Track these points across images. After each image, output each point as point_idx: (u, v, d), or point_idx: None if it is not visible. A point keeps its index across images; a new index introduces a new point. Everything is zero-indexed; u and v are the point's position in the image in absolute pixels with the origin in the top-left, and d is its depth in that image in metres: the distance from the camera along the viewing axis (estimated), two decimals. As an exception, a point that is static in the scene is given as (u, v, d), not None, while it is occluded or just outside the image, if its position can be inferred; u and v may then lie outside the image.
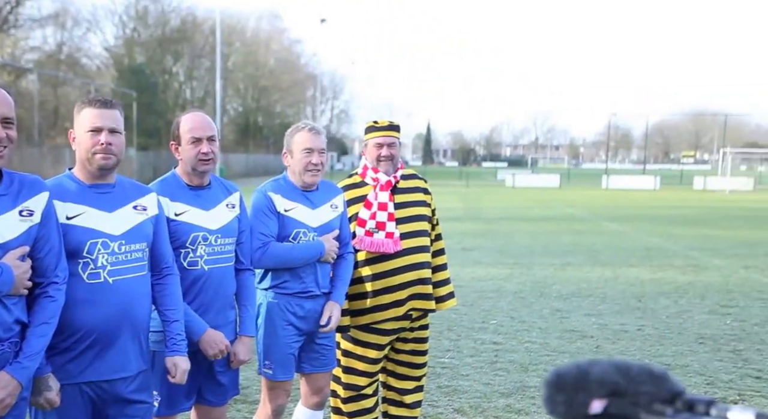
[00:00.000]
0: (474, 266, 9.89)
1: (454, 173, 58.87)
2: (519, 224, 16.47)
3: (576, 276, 9.15)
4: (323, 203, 3.13)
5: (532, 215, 19.32)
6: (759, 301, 7.61)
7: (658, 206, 24.18)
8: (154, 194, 2.52)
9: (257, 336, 3.07)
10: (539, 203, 25.19)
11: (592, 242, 12.97)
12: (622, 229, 15.76)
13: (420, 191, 3.44)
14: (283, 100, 60.08)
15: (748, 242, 13.24)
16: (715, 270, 9.78)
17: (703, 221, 17.98)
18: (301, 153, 3.02)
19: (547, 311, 7.03)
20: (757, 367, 5.19)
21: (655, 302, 7.53)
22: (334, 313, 3.09)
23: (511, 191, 34.10)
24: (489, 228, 15.42)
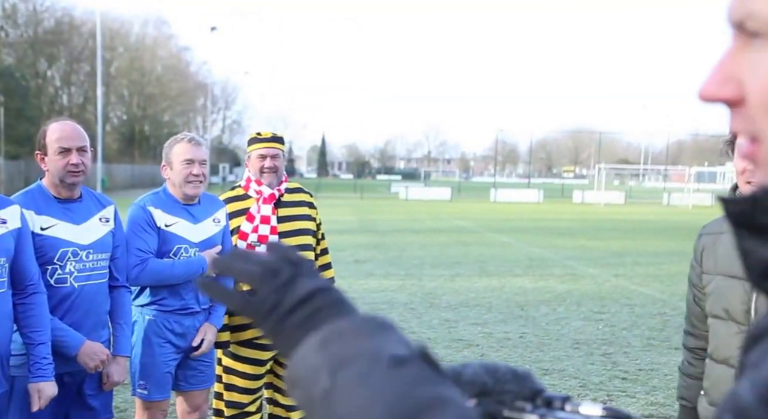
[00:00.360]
0: (366, 278, 10.01)
1: (348, 185, 59.20)
2: (411, 236, 16.83)
3: (464, 287, 9.48)
4: (205, 218, 3.08)
5: (424, 227, 19.80)
6: (627, 307, 8.21)
7: (541, 219, 25.49)
8: (17, 207, 2.40)
9: (132, 355, 2.97)
10: (431, 215, 25.85)
11: (480, 253, 13.48)
12: (508, 240, 16.49)
13: (305, 204, 3.44)
14: (171, 109, 58.20)
15: (619, 252, 14.25)
16: (590, 279, 10.45)
17: (581, 233, 19.15)
18: (180, 164, 2.97)
19: (436, 322, 7.24)
20: (624, 369, 5.60)
21: (537, 310, 7.94)
22: (207, 336, 3.04)
23: (404, 204, 34.76)
24: (382, 240, 15.65)
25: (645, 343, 6.46)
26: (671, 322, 7.38)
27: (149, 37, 56.65)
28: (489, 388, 0.82)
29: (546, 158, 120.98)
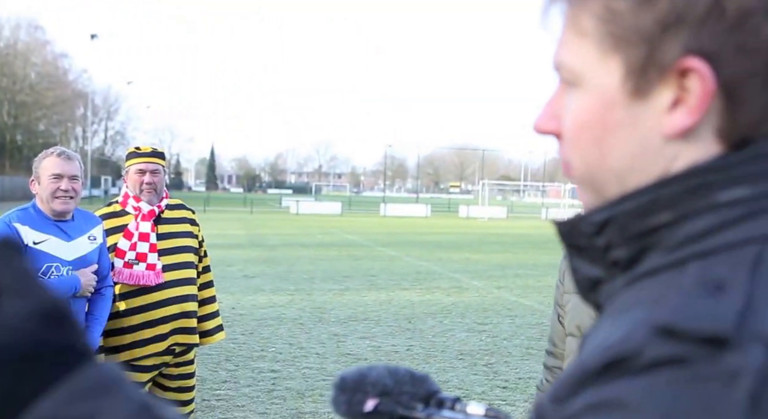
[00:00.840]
0: (255, 293, 9.84)
1: (238, 199, 57.99)
2: (301, 251, 16.73)
3: (354, 301, 9.53)
4: (80, 235, 2.96)
5: (314, 242, 19.75)
6: (508, 318, 8.59)
7: (429, 233, 26.15)
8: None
9: None
10: (322, 229, 25.82)
11: (370, 267, 13.62)
12: (397, 254, 16.78)
13: (186, 221, 3.37)
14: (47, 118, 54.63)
15: (501, 265, 14.89)
16: (475, 291, 10.84)
17: (466, 246, 19.83)
18: (48, 179, 2.87)
19: (325, 337, 7.23)
20: (504, 378, 5.85)
21: (423, 322, 8.13)
22: None
23: (294, 218, 34.50)
24: (272, 255, 15.45)
25: (524, 352, 6.78)
26: (548, 332, 7.79)
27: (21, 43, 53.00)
28: (389, 389, 0.89)
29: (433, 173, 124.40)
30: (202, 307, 3.41)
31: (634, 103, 0.58)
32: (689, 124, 0.56)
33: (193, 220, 3.44)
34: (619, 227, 0.60)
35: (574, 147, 0.63)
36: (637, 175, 0.60)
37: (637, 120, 0.58)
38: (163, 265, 3.19)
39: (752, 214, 0.55)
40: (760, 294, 0.50)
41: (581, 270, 0.66)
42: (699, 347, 0.48)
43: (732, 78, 0.55)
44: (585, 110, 0.61)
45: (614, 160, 0.60)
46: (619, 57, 0.58)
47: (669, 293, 0.54)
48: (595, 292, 0.65)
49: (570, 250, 0.67)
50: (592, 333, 0.62)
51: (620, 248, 0.60)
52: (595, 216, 0.61)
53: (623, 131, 0.59)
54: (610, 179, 0.61)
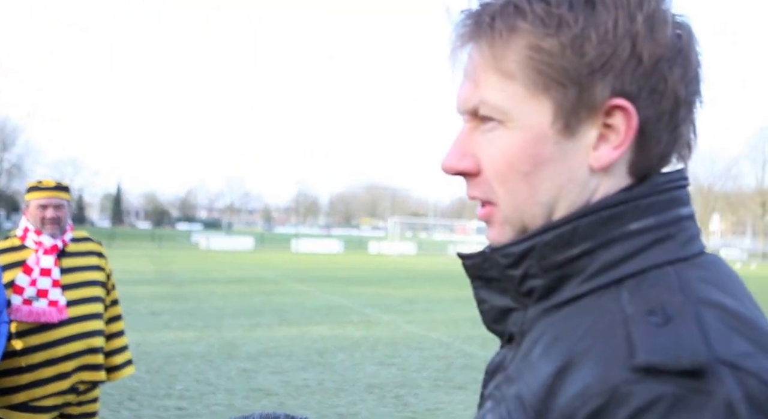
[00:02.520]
0: (162, 330, 9.56)
1: (146, 235, 55.90)
2: (211, 287, 16.37)
3: (265, 336, 9.44)
4: None
5: (225, 278, 19.37)
6: (417, 351, 8.76)
7: (341, 268, 26.20)
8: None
9: None
10: (233, 265, 25.34)
11: (281, 302, 13.52)
12: (309, 289, 16.72)
13: (93, 254, 3.28)
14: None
15: (410, 299, 15.15)
16: (385, 325, 10.98)
17: (377, 282, 20.02)
18: None
19: (234, 372, 7.13)
20: (413, 409, 5.97)
21: (334, 356, 8.17)
22: None
23: (205, 254, 33.65)
24: (180, 291, 15.03)
25: (432, 384, 6.95)
26: (455, 363, 8.02)
27: None
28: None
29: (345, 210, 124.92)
30: (111, 341, 3.33)
31: (563, 139, 0.62)
32: (615, 158, 0.62)
33: (100, 253, 3.35)
34: (538, 257, 0.63)
35: (501, 183, 0.65)
36: (562, 206, 0.63)
37: (566, 155, 0.62)
38: (68, 300, 3.08)
39: (658, 240, 0.61)
40: (705, 317, 0.54)
41: (489, 301, 0.68)
42: (682, 380, 0.50)
43: (646, 117, 0.61)
44: (514, 147, 0.63)
45: (542, 193, 0.63)
46: (550, 97, 0.61)
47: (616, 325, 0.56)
48: (503, 322, 0.68)
49: (477, 282, 0.69)
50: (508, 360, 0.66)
51: (537, 279, 0.63)
52: (513, 248, 0.64)
53: (553, 166, 0.62)
54: (537, 213, 0.64)
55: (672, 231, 0.62)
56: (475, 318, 12.27)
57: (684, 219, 0.63)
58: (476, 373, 7.49)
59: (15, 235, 3.16)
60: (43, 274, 3.07)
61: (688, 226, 0.63)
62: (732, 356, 0.51)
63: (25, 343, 3.00)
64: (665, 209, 0.62)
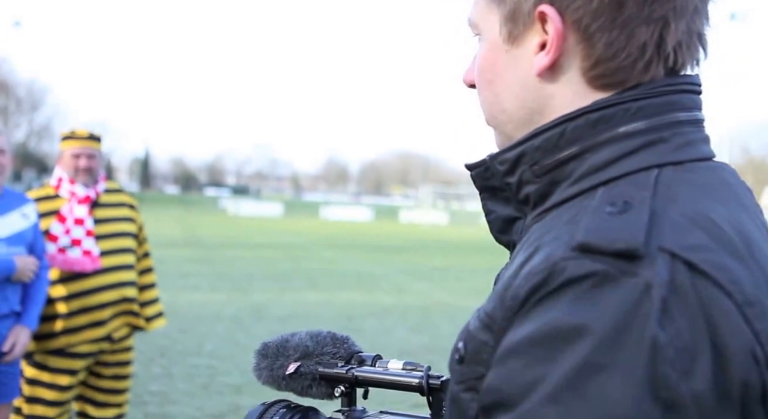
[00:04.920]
0: (192, 292, 9.58)
1: (174, 200, 56.66)
2: (240, 251, 16.44)
3: (294, 300, 9.40)
4: (10, 210, 2.82)
5: (254, 243, 19.45)
6: (449, 319, 8.63)
7: (371, 236, 26.16)
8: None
9: None
10: (261, 231, 25.48)
11: (310, 268, 13.50)
12: (338, 256, 16.70)
13: (125, 206, 3.29)
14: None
15: (442, 268, 15.02)
16: (416, 293, 10.88)
17: (408, 250, 19.92)
18: None
19: (264, 334, 7.08)
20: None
21: (364, 322, 8.08)
22: (20, 338, 2.79)
23: (233, 219, 33.93)
24: (209, 255, 15.12)
25: (464, 351, 6.82)
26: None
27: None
28: (310, 351, 0.93)
29: (375, 178, 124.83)
30: (142, 293, 3.32)
31: (511, 48, 0.67)
32: (546, 63, 0.64)
33: (132, 205, 3.35)
34: (530, 162, 0.65)
35: (479, 92, 0.72)
36: (524, 114, 0.67)
37: (516, 63, 0.67)
38: (101, 250, 3.08)
39: (648, 143, 0.62)
40: (661, 211, 0.57)
41: (495, 211, 0.72)
42: (614, 261, 0.53)
43: (578, 19, 0.62)
44: (482, 58, 0.70)
45: (504, 100, 0.69)
46: (497, 9, 0.68)
47: (580, 215, 0.59)
48: (508, 232, 0.72)
49: (484, 193, 0.72)
50: (505, 268, 0.67)
51: (531, 185, 0.66)
52: (506, 154, 0.67)
53: (507, 74, 0.68)
54: (505, 121, 0.69)
55: (665, 135, 0.63)
56: (506, 287, 12.09)
57: (682, 124, 0.64)
58: (509, 342, 7.33)
59: (49, 184, 3.18)
60: (77, 223, 3.08)
61: (686, 131, 0.64)
62: (678, 246, 0.54)
63: (60, 291, 3.04)
64: (659, 112, 0.63)
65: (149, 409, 4.48)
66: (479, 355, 0.60)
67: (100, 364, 3.16)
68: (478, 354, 0.60)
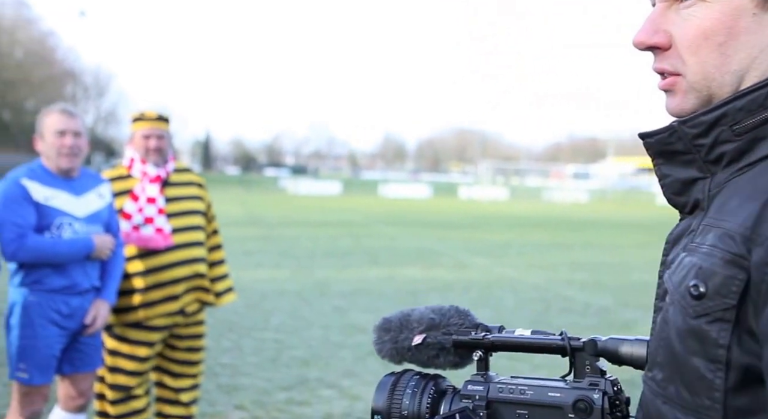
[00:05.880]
0: (256, 268, 9.78)
1: (235, 180, 57.88)
2: (301, 229, 16.67)
3: (355, 276, 9.48)
4: (87, 191, 2.93)
5: (314, 221, 19.69)
6: (512, 293, 8.54)
7: (430, 213, 26.10)
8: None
9: (9, 337, 2.83)
10: (321, 209, 25.76)
11: (371, 245, 13.57)
12: (398, 233, 16.72)
13: (194, 185, 3.36)
14: (34, 96, 53.94)
15: (504, 244, 14.84)
16: (477, 268, 10.79)
17: (468, 226, 19.78)
18: (53, 136, 2.85)
19: (328, 309, 7.17)
20: (511, 349, 5.80)
21: (426, 297, 8.08)
22: (101, 312, 2.92)
23: (292, 198, 34.43)
24: (271, 233, 15.39)
25: (530, 326, 6.69)
26: (553, 306, 7.75)
27: (6, 20, 52.10)
28: (436, 323, 0.96)
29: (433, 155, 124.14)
30: (213, 269, 3.39)
31: (761, 12, 0.69)
32: None
33: (200, 183, 3.43)
34: (731, 122, 0.70)
35: (692, 54, 0.73)
36: (752, 76, 0.71)
37: (761, 27, 0.70)
38: (173, 228, 3.17)
39: None
40: None
41: (672, 175, 0.76)
42: None
43: None
44: (712, 20, 0.71)
45: (735, 63, 0.71)
46: None
47: None
48: (686, 193, 0.76)
49: (659, 159, 0.77)
50: (720, 215, 0.70)
51: (729, 144, 0.71)
52: (704, 117, 0.71)
53: (747, 37, 0.70)
54: (726, 81, 0.72)
55: None
56: (574, 262, 11.88)
57: None
58: (576, 317, 7.20)
59: (122, 165, 3.27)
60: (149, 202, 3.16)
61: None
62: None
63: (136, 267, 3.14)
64: None
65: (221, 380, 4.61)
66: (727, 288, 0.65)
67: (175, 337, 3.26)
68: (724, 287, 0.65)
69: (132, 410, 3.18)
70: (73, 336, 2.90)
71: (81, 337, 2.92)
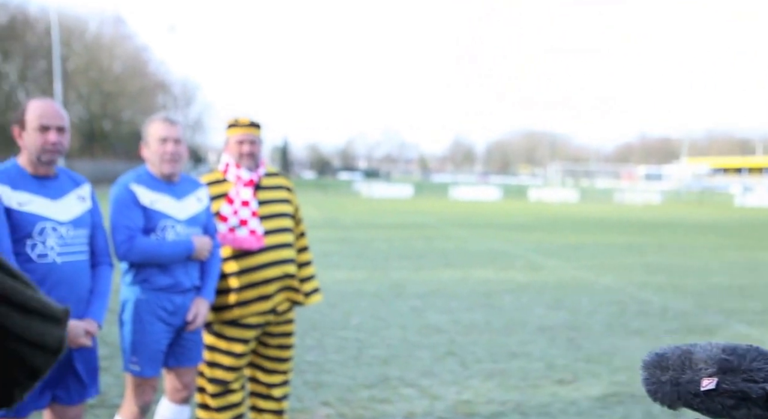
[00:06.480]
0: (334, 270, 10.08)
1: (311, 184, 59.02)
2: (375, 232, 16.94)
3: (430, 278, 9.64)
4: (187, 195, 3.10)
5: (387, 223, 19.94)
6: (587, 295, 8.49)
7: (500, 215, 25.91)
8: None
9: (122, 332, 3.02)
10: (394, 212, 26.01)
11: (443, 247, 13.68)
12: (469, 235, 16.75)
13: (283, 189, 3.50)
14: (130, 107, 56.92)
15: (576, 245, 14.65)
16: (550, 270, 10.74)
17: (539, 228, 19.57)
18: (156, 143, 3.00)
19: (405, 310, 7.37)
20: (587, 352, 5.82)
21: (501, 298, 8.15)
22: (201, 310, 3.07)
23: (366, 201, 34.85)
24: (347, 235, 15.72)
25: (606, 328, 6.71)
26: (629, 309, 7.68)
27: (106, 36, 55.23)
28: (733, 366, 0.80)
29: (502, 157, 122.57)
30: (301, 270, 3.55)
31: None
32: None
33: (289, 187, 3.56)
34: None
35: None
36: None
37: None
38: (264, 230, 3.32)
39: None
40: None
41: None
42: None
43: None
44: None
45: None
46: None
47: None
48: None
49: None
50: None
51: None
52: None
53: None
54: None
55: None
56: (649, 264, 11.64)
57: None
58: (653, 319, 7.12)
59: (218, 169, 3.44)
60: (244, 205, 3.32)
61: None
62: None
63: (231, 267, 3.30)
64: None
65: (307, 377, 4.86)
66: None
67: (267, 335, 3.42)
68: None
69: (229, 403, 3.37)
70: (177, 332, 3.07)
71: (184, 333, 3.08)
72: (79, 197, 2.72)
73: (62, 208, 2.61)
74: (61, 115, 2.62)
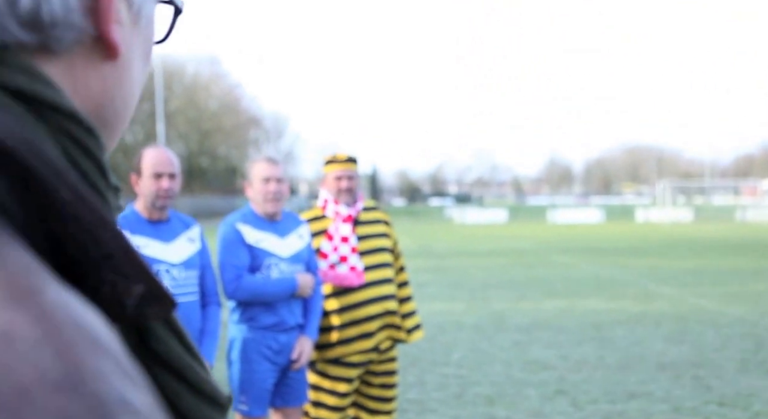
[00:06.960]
0: (430, 301, 9.80)
1: (402, 211, 59.28)
2: (471, 260, 16.55)
3: (532, 308, 9.15)
4: (290, 233, 3.12)
5: (483, 251, 19.48)
6: (712, 328, 7.74)
7: (605, 239, 24.76)
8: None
9: (230, 371, 3.07)
10: (489, 238, 25.48)
11: (545, 275, 13.10)
12: (572, 261, 16.01)
13: (381, 223, 3.44)
14: (225, 142, 59.73)
15: (695, 271, 13.61)
16: (667, 299, 9.96)
17: (650, 252, 18.46)
18: (259, 183, 3.07)
19: (507, 344, 6.96)
20: (720, 393, 5.21)
21: (612, 331, 7.57)
22: (305, 348, 3.07)
23: (459, 228, 34.46)
24: (441, 264, 15.43)
25: (739, 366, 6.02)
26: (766, 344, 6.89)
27: (203, 76, 58.57)
28: None
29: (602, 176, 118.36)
30: (402, 305, 3.44)
31: None
32: None
33: (387, 221, 3.50)
34: None
35: None
36: None
37: None
38: (364, 266, 3.26)
39: None
40: None
41: None
42: None
43: None
44: None
45: None
46: None
47: None
48: None
49: None
50: None
51: None
52: None
53: None
54: None
55: None
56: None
57: None
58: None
59: (317, 206, 3.43)
60: (343, 241, 3.28)
61: None
62: None
63: (333, 304, 3.25)
64: None
65: (409, 416, 4.60)
66: None
67: (370, 373, 3.32)
68: None
69: None
70: (283, 371, 3.08)
71: (289, 372, 3.09)
72: (189, 238, 2.86)
73: (174, 250, 2.77)
74: (173, 162, 2.80)
